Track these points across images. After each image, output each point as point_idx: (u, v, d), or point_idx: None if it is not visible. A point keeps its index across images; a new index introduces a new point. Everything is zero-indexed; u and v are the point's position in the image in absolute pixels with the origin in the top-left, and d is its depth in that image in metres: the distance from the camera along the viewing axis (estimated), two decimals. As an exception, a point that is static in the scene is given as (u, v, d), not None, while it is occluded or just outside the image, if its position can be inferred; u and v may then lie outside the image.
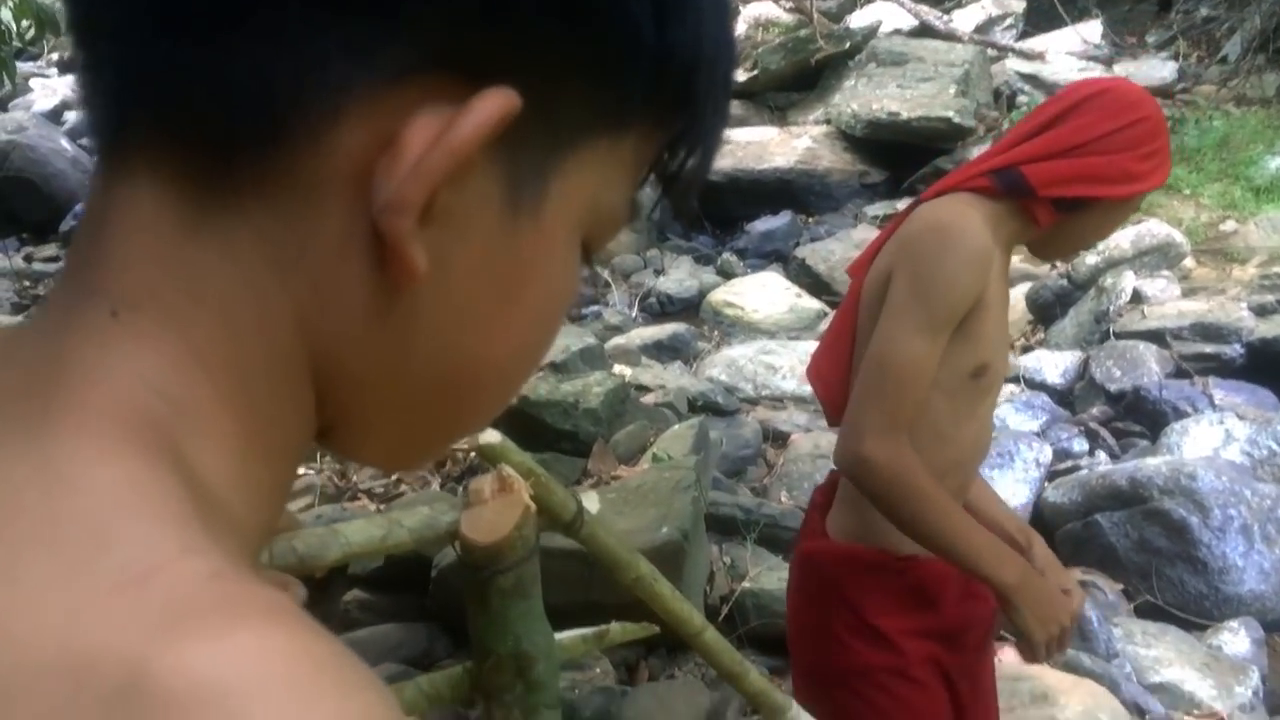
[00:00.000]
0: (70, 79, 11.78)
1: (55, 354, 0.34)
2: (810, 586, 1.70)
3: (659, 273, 7.71)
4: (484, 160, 0.36)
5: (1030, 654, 1.54)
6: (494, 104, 0.35)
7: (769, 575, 3.29)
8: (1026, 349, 5.76)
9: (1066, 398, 5.16)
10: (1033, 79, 9.74)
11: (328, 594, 3.28)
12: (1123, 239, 6.40)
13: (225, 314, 0.36)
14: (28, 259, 8.41)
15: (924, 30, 10.76)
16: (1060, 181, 1.49)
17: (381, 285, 0.37)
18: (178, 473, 0.33)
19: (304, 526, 0.83)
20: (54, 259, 8.24)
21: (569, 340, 4.88)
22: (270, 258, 0.36)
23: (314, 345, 0.38)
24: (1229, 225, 7.30)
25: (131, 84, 0.35)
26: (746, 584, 3.26)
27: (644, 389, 4.67)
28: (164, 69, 0.34)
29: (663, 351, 5.91)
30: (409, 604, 3.18)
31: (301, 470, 3.73)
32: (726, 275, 7.48)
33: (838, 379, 1.63)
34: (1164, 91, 10.29)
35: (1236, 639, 3.48)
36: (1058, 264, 6.17)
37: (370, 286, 0.37)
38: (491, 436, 1.09)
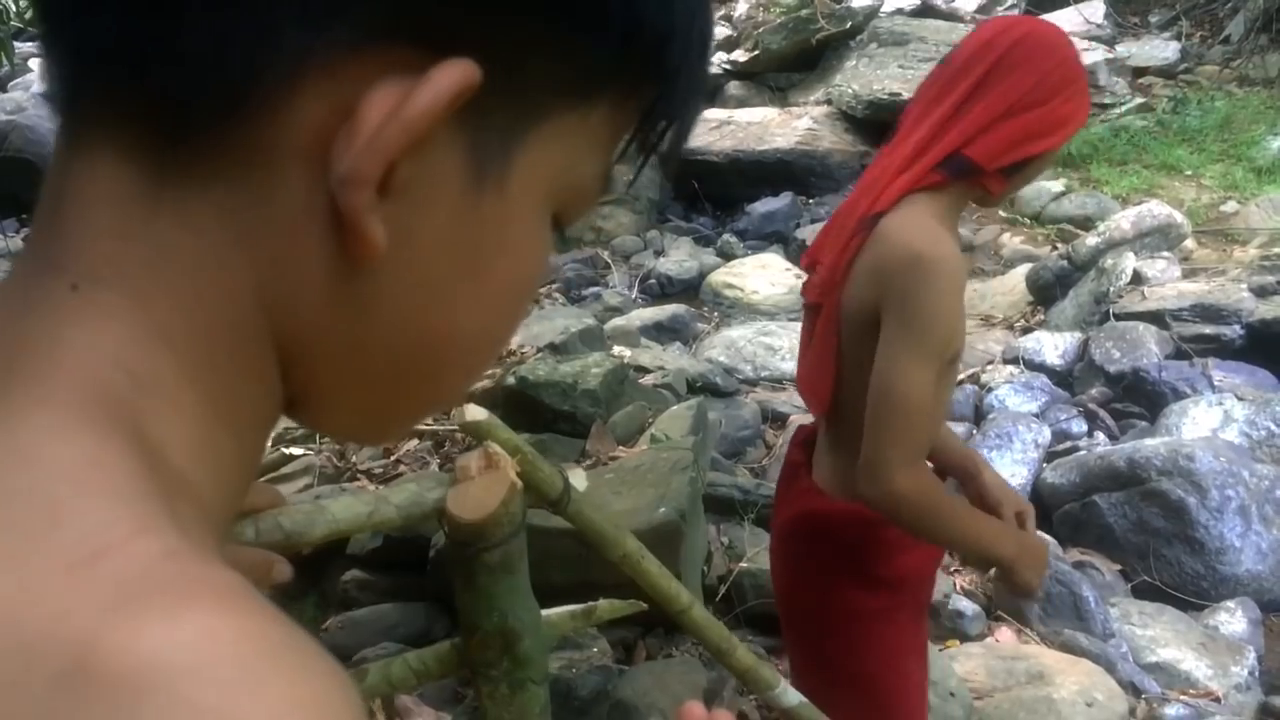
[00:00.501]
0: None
1: (16, 329, 0.34)
2: (819, 544, 1.74)
3: (659, 254, 7.70)
4: (447, 133, 0.36)
5: (1030, 595, 1.71)
6: (451, 77, 0.34)
7: (766, 555, 3.30)
8: (1026, 330, 5.75)
9: (1066, 379, 5.16)
10: (1035, 59, 9.69)
11: (326, 574, 3.29)
12: (1123, 220, 6.38)
13: (186, 286, 0.35)
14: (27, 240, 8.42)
15: (926, 10, 10.71)
16: (1004, 151, 1.50)
17: (342, 257, 0.37)
18: (138, 448, 0.33)
19: (288, 504, 0.83)
20: (53, 240, 8.24)
21: (568, 321, 4.87)
22: (230, 229, 0.35)
23: (276, 317, 0.37)
24: (1230, 206, 7.28)
25: (87, 56, 0.35)
26: (744, 564, 3.27)
27: (643, 370, 4.67)
28: (119, 40, 0.34)
29: (662, 333, 5.91)
30: (407, 583, 3.19)
31: (300, 451, 3.74)
32: (726, 256, 7.47)
33: (829, 394, 1.67)
34: (1167, 71, 10.25)
35: (1233, 619, 3.48)
36: (1058, 245, 6.16)
37: (331, 259, 0.36)
38: (478, 413, 1.09)
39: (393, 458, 3.74)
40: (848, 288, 1.59)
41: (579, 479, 1.79)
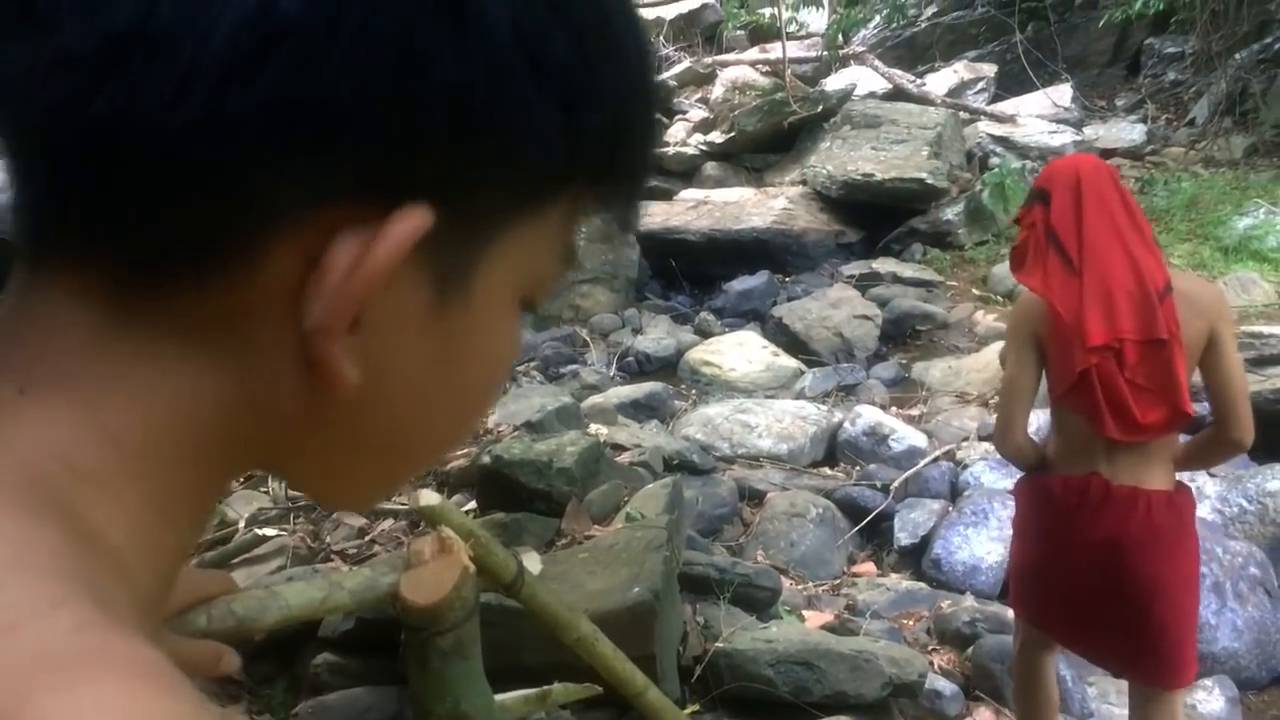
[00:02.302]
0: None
1: None
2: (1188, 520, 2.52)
3: (637, 332, 7.74)
4: (407, 269, 0.38)
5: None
6: (406, 227, 0.36)
7: (743, 635, 3.27)
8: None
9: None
10: (1004, 141, 9.91)
11: (297, 657, 3.24)
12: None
13: (140, 401, 0.37)
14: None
15: (897, 94, 10.96)
16: None
17: (313, 388, 0.39)
18: (70, 530, 0.34)
19: (240, 589, 0.83)
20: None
21: (545, 399, 4.88)
22: (194, 359, 0.38)
23: (246, 432, 0.40)
24: (1199, 284, 7.38)
25: (68, 204, 0.36)
26: (720, 644, 3.23)
27: (619, 448, 4.67)
28: (101, 199, 0.35)
29: (640, 410, 5.92)
30: (379, 667, 3.14)
31: (273, 532, 3.71)
32: (704, 334, 7.52)
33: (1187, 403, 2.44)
34: (1134, 153, 10.48)
35: (1211, 697, 3.47)
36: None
37: (302, 389, 0.39)
38: (431, 498, 1.09)
39: (367, 538, 3.71)
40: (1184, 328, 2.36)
41: (533, 562, 1.79)
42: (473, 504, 3.70)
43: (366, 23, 0.34)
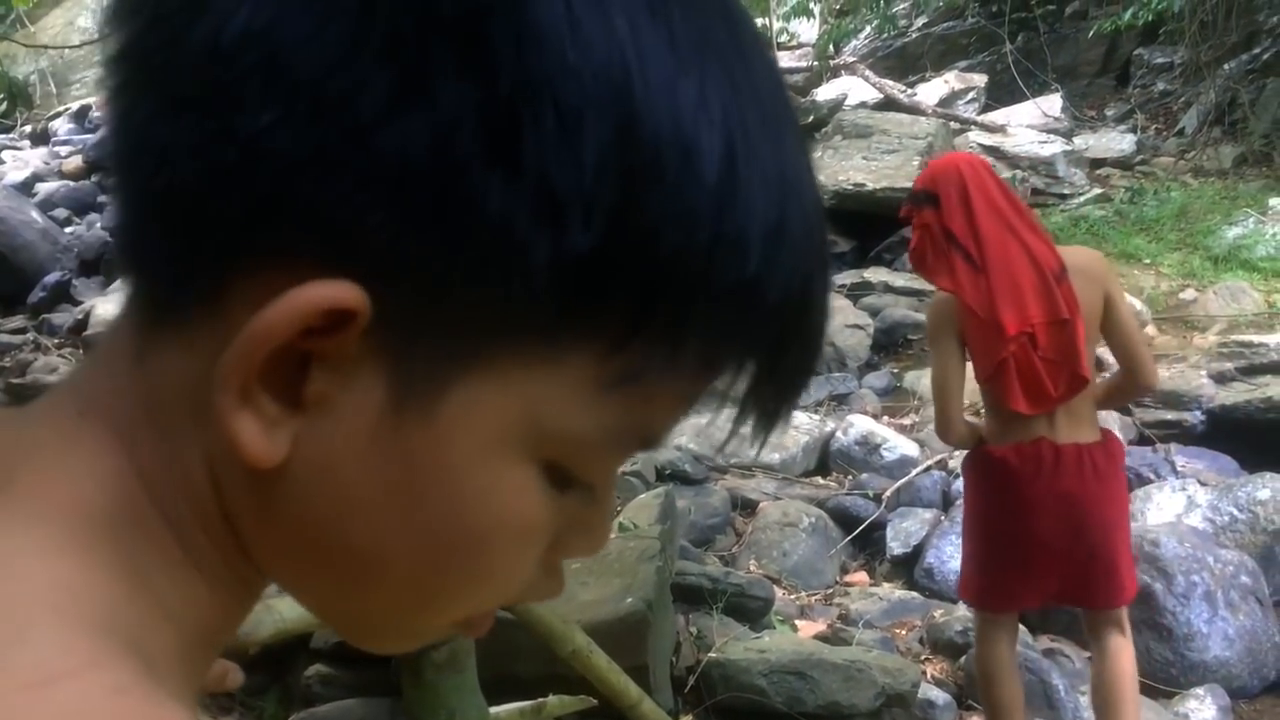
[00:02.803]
0: (42, 151, 11.80)
1: (26, 436, 0.37)
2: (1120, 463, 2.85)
3: (629, 341, 7.74)
4: (368, 354, 0.35)
5: None
6: (312, 295, 0.33)
7: (736, 645, 3.27)
8: (992, 416, 5.80)
9: (1032, 465, 5.19)
10: (995, 151, 9.93)
11: (288, 669, 3.23)
12: (1085, 307, 6.49)
13: (159, 442, 0.38)
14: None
15: (888, 104, 10.99)
16: None
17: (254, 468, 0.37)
18: (126, 573, 0.34)
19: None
20: (21, 330, 8.17)
21: (537, 410, 4.88)
22: (186, 404, 0.37)
23: (221, 494, 0.38)
24: (1188, 294, 7.42)
25: (126, 234, 0.38)
26: (713, 654, 3.23)
27: (612, 458, 4.66)
28: (129, 234, 0.38)
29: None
30: (371, 678, 3.13)
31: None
32: (696, 344, 7.51)
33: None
34: (1124, 163, 10.52)
35: (1203, 706, 3.48)
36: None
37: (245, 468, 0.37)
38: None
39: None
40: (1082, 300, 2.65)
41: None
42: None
43: (299, 68, 0.33)
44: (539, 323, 0.35)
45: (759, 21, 13.44)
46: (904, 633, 3.97)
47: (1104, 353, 3.19)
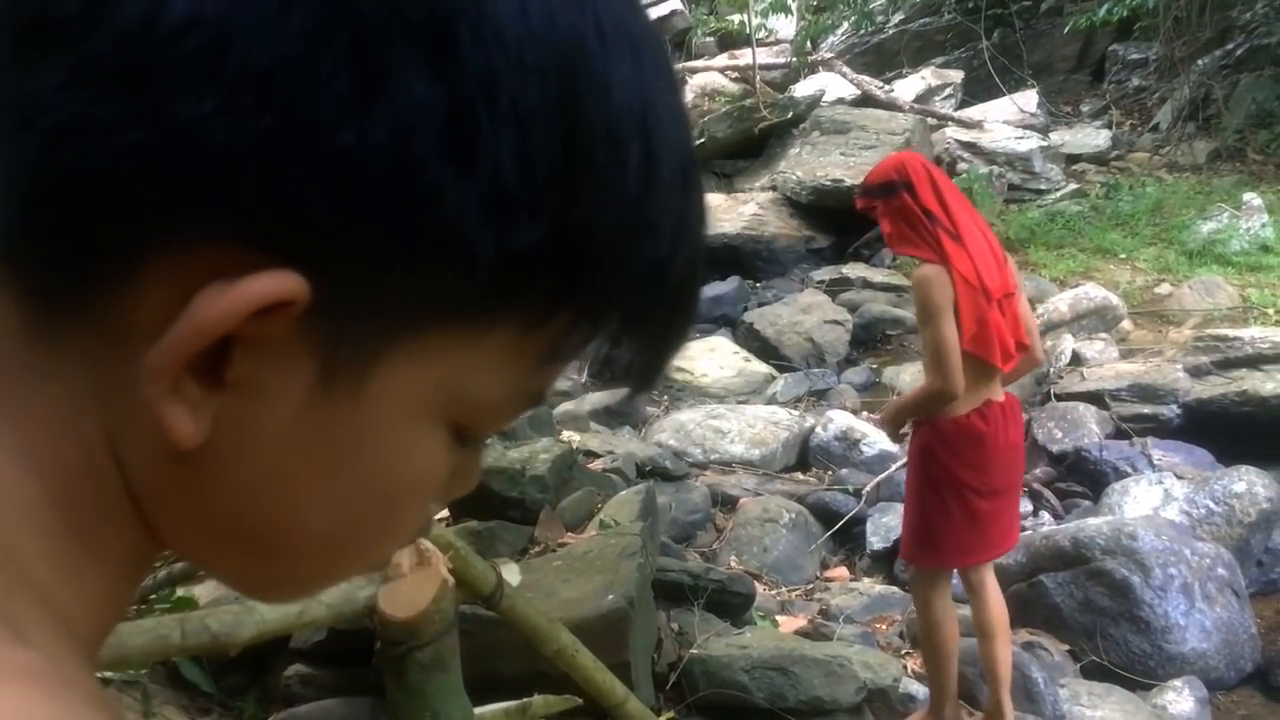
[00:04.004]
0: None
1: None
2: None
3: (608, 338, 7.73)
4: (293, 336, 0.35)
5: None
6: (260, 288, 0.33)
7: (717, 642, 3.27)
8: (971, 411, 5.82)
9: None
10: (971, 146, 9.98)
11: (268, 668, 3.21)
12: (1061, 302, 6.53)
13: (53, 421, 0.36)
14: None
15: (866, 100, 11.02)
16: None
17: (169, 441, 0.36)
18: None
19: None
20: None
21: (517, 407, 4.86)
22: (86, 382, 0.36)
23: (124, 472, 0.37)
24: (1164, 288, 7.48)
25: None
26: (695, 651, 3.23)
27: (592, 455, 4.66)
28: (23, 213, 0.35)
29: (612, 417, 5.91)
30: (352, 678, 3.11)
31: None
32: (675, 340, 7.51)
33: None
34: (1099, 158, 10.59)
35: (1180, 698, 3.50)
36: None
37: (161, 440, 0.36)
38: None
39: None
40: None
41: (512, 573, 1.78)
42: (445, 512, 3.67)
43: (251, 58, 0.32)
44: (469, 303, 0.37)
45: (736, 18, 13.48)
46: (884, 627, 3.98)
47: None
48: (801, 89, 11.46)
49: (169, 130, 0.32)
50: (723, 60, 12.67)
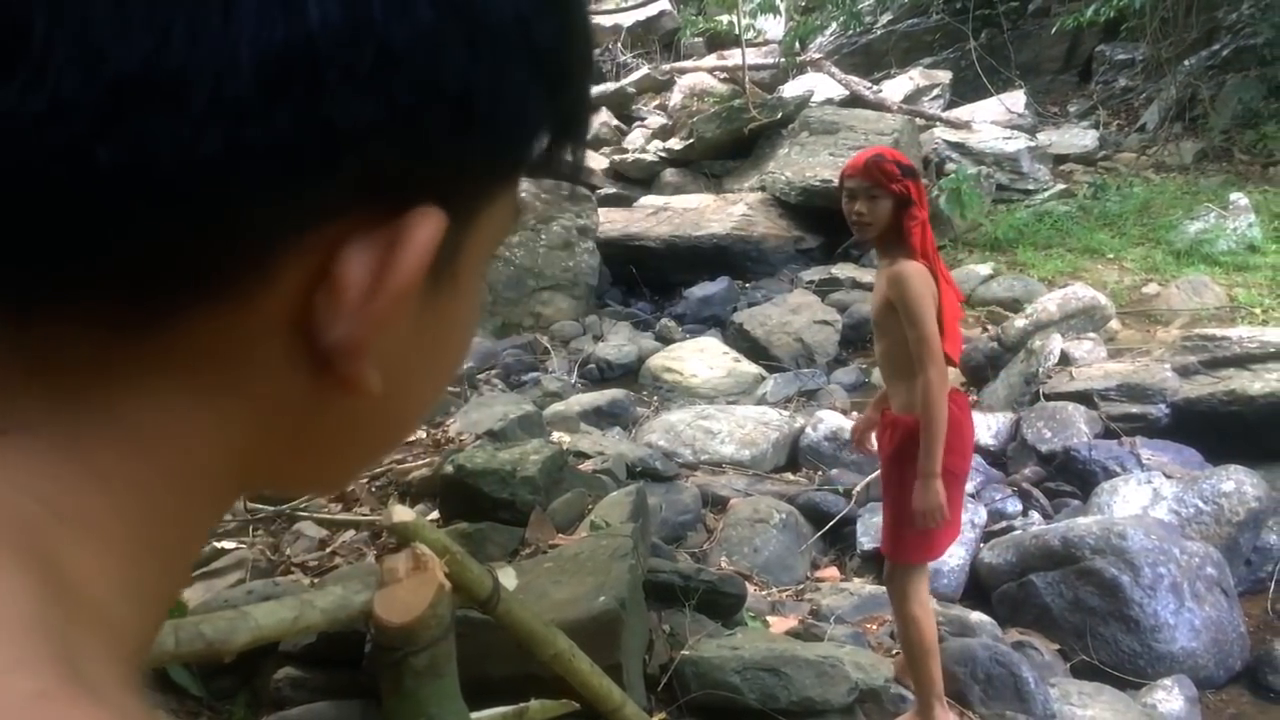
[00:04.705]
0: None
1: None
2: None
3: (598, 339, 7.73)
4: None
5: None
6: (428, 231, 0.36)
7: (709, 643, 3.26)
8: (960, 411, 5.84)
9: (1000, 459, 5.23)
10: (960, 147, 10.00)
11: (257, 671, 3.19)
12: (1050, 302, 6.55)
13: (136, 439, 0.36)
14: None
15: (854, 100, 11.04)
16: None
17: (317, 396, 0.38)
18: (45, 578, 0.33)
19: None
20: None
21: (507, 408, 4.85)
22: (191, 392, 0.36)
23: (251, 455, 0.39)
24: (1151, 288, 7.50)
25: (46, 244, 0.33)
26: (686, 652, 3.23)
27: (582, 456, 4.65)
28: (92, 238, 0.33)
29: (602, 418, 5.90)
30: (343, 680, 3.09)
31: (231, 545, 3.66)
32: (665, 340, 7.52)
33: None
34: (1086, 159, 10.62)
35: (1170, 697, 3.51)
36: (988, 327, 6.33)
37: (306, 400, 0.38)
38: (405, 514, 1.08)
39: (328, 549, 3.66)
40: None
41: (508, 577, 1.78)
42: (435, 514, 3.66)
43: (386, 38, 0.33)
44: (508, 171, 0.42)
45: (725, 19, 13.48)
46: (875, 627, 3.99)
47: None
48: (790, 89, 11.47)
49: (316, 124, 0.33)
50: (711, 61, 12.68)
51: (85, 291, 0.34)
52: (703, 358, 6.90)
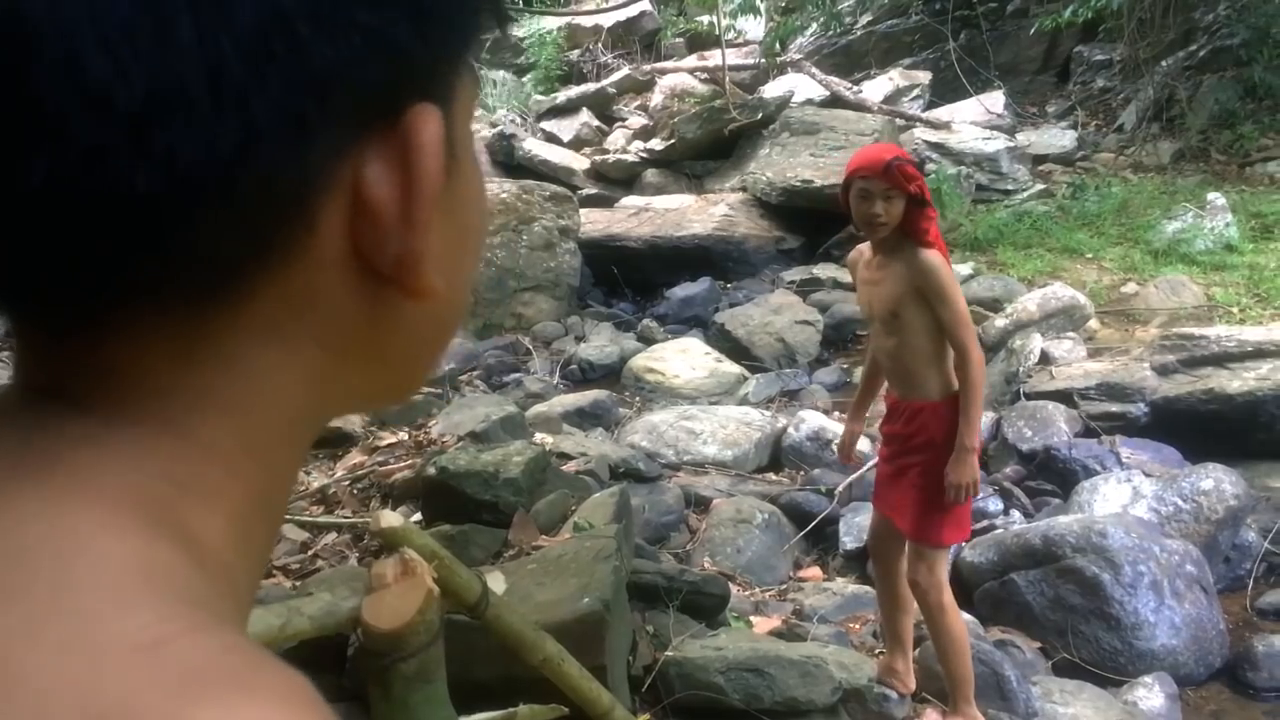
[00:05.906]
0: None
1: (41, 459, 0.36)
2: None
3: (580, 339, 7.72)
4: None
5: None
6: (431, 130, 0.38)
7: (692, 643, 3.26)
8: (941, 410, 5.86)
9: (981, 458, 5.24)
10: (939, 147, 10.04)
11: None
12: (1029, 301, 6.58)
13: (234, 408, 0.39)
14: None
15: (834, 101, 11.06)
16: None
17: (378, 310, 0.41)
18: (184, 549, 0.35)
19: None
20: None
21: (489, 409, 4.84)
22: (272, 343, 0.39)
23: (324, 386, 0.42)
24: (1130, 287, 7.55)
25: (120, 244, 0.35)
26: (670, 653, 3.23)
27: (565, 457, 4.64)
28: (148, 240, 0.35)
29: (584, 418, 5.90)
30: (325, 684, 3.08)
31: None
32: (647, 341, 7.52)
33: None
34: (1065, 159, 10.68)
35: (1151, 694, 3.53)
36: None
37: (370, 320, 0.41)
38: (393, 519, 1.07)
39: (310, 552, 3.64)
40: None
41: (497, 581, 1.77)
42: (418, 516, 3.65)
43: None
44: (465, 44, 0.42)
45: (705, 19, 13.49)
46: (858, 627, 4.00)
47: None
48: (771, 90, 11.48)
49: (310, 81, 0.35)
50: (692, 61, 12.68)
51: (157, 287, 0.36)
52: (685, 358, 6.90)
